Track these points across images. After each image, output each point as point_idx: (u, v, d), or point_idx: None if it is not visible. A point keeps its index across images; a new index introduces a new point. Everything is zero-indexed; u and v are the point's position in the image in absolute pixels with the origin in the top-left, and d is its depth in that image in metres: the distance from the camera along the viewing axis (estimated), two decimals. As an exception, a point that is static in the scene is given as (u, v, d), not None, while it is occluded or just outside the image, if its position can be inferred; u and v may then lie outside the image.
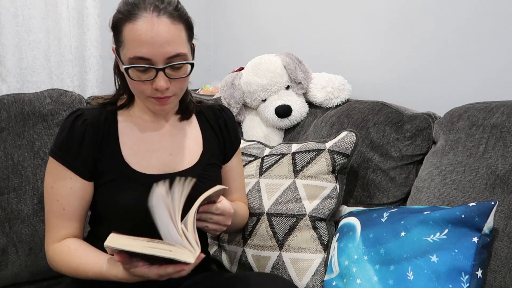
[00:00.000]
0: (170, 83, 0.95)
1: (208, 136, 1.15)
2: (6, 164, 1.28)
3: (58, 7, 1.89)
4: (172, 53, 0.92)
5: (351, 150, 1.28)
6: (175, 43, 0.92)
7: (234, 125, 1.21)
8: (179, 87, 0.98)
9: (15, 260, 1.27)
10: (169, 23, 0.91)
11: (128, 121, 1.07)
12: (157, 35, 0.90)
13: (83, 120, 1.01)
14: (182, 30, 0.94)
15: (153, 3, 0.91)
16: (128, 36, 0.92)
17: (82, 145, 1.00)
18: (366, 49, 1.73)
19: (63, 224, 1.00)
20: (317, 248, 1.22)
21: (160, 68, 0.92)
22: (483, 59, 1.40)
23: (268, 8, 2.13)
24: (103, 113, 1.05)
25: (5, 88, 1.80)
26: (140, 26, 0.90)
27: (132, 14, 0.91)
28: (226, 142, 1.18)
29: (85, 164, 1.00)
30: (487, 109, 1.18)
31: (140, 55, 0.91)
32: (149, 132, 1.07)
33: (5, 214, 1.27)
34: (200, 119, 1.15)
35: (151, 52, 0.91)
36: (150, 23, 0.90)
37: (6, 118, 1.30)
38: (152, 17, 0.90)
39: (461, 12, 1.44)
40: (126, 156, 1.03)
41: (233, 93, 1.66)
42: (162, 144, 1.07)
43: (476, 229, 0.98)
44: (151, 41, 0.90)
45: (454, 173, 1.16)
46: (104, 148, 1.02)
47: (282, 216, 1.25)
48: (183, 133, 1.11)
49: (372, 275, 1.06)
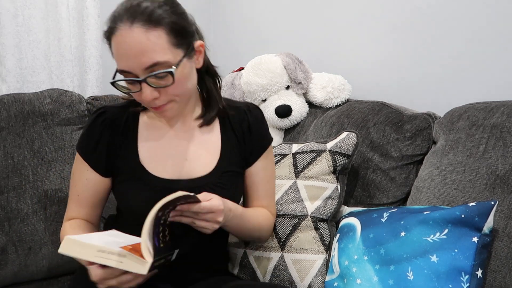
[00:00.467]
0: (159, 92, 0.93)
1: (229, 143, 1.11)
2: (5, 164, 1.28)
3: (58, 7, 1.89)
4: (148, 63, 0.89)
5: (352, 151, 1.28)
6: (151, 52, 0.88)
7: (259, 127, 1.14)
8: (171, 93, 0.94)
9: (14, 259, 1.27)
10: (143, 31, 0.88)
11: (149, 123, 1.07)
12: (130, 47, 0.88)
13: (104, 119, 1.04)
14: (160, 36, 0.89)
15: (127, 14, 0.89)
16: (113, 50, 0.92)
17: (99, 142, 1.03)
18: (366, 49, 1.73)
19: (75, 208, 1.07)
20: (318, 249, 1.22)
21: (141, 80, 0.90)
22: (483, 59, 1.40)
23: (268, 8, 2.13)
24: (127, 113, 1.06)
25: (5, 88, 1.80)
26: (117, 39, 0.89)
27: (112, 28, 0.90)
28: (247, 146, 1.13)
29: (100, 160, 1.04)
30: (487, 109, 1.18)
31: (121, 69, 0.91)
32: (167, 136, 1.06)
33: (5, 213, 1.27)
34: (223, 124, 1.11)
35: (128, 64, 0.89)
36: (124, 35, 0.88)
37: (6, 117, 1.30)
38: (125, 28, 0.88)
39: (461, 12, 1.44)
40: (142, 158, 1.04)
41: (233, 93, 1.66)
42: (179, 149, 1.06)
43: (476, 229, 0.98)
44: (126, 53, 0.89)
45: (454, 173, 1.16)
46: (122, 148, 1.04)
47: (284, 217, 1.25)
48: (202, 139, 1.09)
49: (372, 275, 1.06)
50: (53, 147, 1.35)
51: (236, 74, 1.71)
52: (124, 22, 0.88)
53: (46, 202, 1.31)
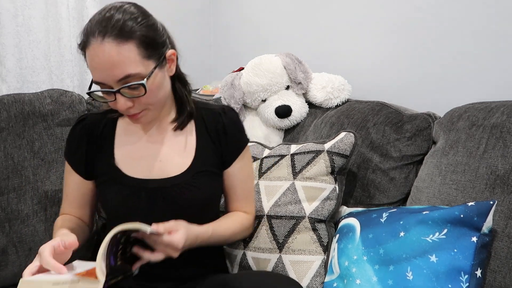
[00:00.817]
0: (133, 102, 0.97)
1: (204, 143, 1.14)
2: (6, 164, 1.28)
3: (58, 7, 1.89)
4: (120, 76, 0.92)
5: (350, 151, 1.28)
6: (123, 65, 0.92)
7: (234, 128, 1.17)
8: (145, 102, 0.98)
9: (15, 260, 1.27)
10: (114, 45, 0.91)
11: (126, 128, 1.13)
12: (103, 60, 0.91)
13: (83, 125, 1.12)
14: (131, 50, 0.92)
15: (99, 28, 0.92)
16: (88, 63, 0.95)
17: (79, 147, 1.11)
18: (366, 49, 1.73)
19: (66, 205, 1.17)
20: (317, 249, 1.22)
21: (114, 91, 0.94)
22: (483, 59, 1.40)
23: (268, 8, 2.13)
24: (105, 119, 1.13)
25: (5, 88, 1.80)
26: (90, 53, 0.93)
27: (85, 42, 0.94)
28: (223, 148, 1.15)
29: (81, 164, 1.12)
30: (487, 109, 1.18)
31: (96, 80, 0.95)
32: (142, 139, 1.12)
33: (5, 214, 1.27)
34: (198, 126, 1.15)
35: (102, 76, 0.93)
36: (95, 50, 0.91)
37: (6, 118, 1.30)
38: (97, 43, 0.91)
39: (461, 13, 1.44)
40: (118, 161, 1.10)
41: (233, 93, 1.66)
42: (153, 151, 1.11)
43: (475, 228, 0.98)
44: (99, 67, 0.92)
45: (454, 173, 1.16)
46: (99, 152, 1.11)
47: (282, 218, 1.25)
48: (176, 141, 1.13)
49: (371, 275, 1.06)
50: (53, 148, 1.36)
51: (236, 74, 1.71)
52: (96, 37, 0.91)
53: (47, 203, 1.31)
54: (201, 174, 1.12)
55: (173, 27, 2.75)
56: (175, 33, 1.24)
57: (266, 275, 1.08)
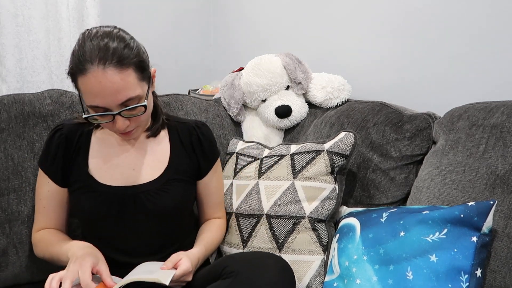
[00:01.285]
0: (130, 121, 1.04)
1: (177, 152, 1.22)
2: (6, 165, 1.28)
3: (58, 7, 1.89)
4: (123, 99, 1.00)
5: (349, 151, 1.28)
6: (125, 89, 0.99)
7: (209, 141, 1.26)
8: (139, 121, 1.07)
9: (15, 261, 1.27)
10: (116, 73, 0.97)
11: (101, 138, 1.19)
12: (106, 87, 0.97)
13: (60, 134, 1.16)
14: (130, 74, 1.00)
15: (98, 56, 0.96)
16: (83, 88, 1.00)
17: (56, 155, 1.15)
18: (366, 49, 1.73)
19: (43, 219, 1.19)
20: (316, 249, 1.22)
21: (115, 113, 1.01)
22: (483, 59, 1.40)
23: (268, 8, 2.13)
24: (81, 129, 1.18)
25: (5, 88, 1.80)
26: (89, 80, 0.97)
27: (80, 69, 0.98)
28: (199, 158, 1.24)
29: (57, 172, 1.16)
30: (487, 109, 1.18)
31: (95, 104, 1.00)
32: (117, 149, 1.18)
33: (5, 215, 1.27)
34: (172, 135, 1.23)
35: (104, 101, 0.99)
36: (97, 77, 0.96)
37: (6, 118, 1.30)
38: (98, 71, 0.96)
39: (461, 13, 1.44)
40: (92, 169, 1.16)
41: (233, 93, 1.66)
42: (126, 160, 1.17)
43: (475, 228, 0.98)
44: (102, 93, 0.97)
45: (454, 173, 1.16)
46: (74, 160, 1.16)
47: (282, 218, 1.25)
48: (149, 149, 1.20)
49: (371, 275, 1.06)
50: (53, 148, 1.36)
51: (236, 75, 1.71)
52: (97, 65, 0.96)
53: (46, 203, 1.32)
54: (173, 182, 1.18)
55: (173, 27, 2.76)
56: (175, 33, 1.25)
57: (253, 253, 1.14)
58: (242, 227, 1.30)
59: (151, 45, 1.26)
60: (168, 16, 2.40)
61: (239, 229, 1.31)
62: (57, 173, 1.16)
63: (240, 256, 1.09)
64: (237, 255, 1.13)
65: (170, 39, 2.36)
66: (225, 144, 1.58)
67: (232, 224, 1.33)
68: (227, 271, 1.02)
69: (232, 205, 1.35)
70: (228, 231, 1.33)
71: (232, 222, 1.33)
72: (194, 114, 1.56)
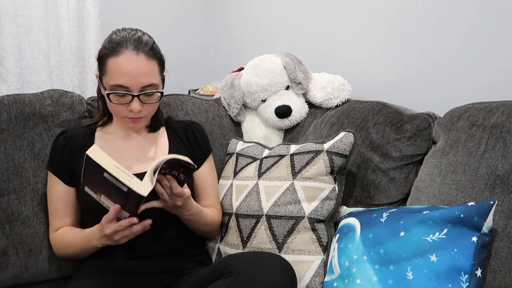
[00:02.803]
0: (142, 107, 1.17)
1: (176, 145, 1.32)
2: (6, 166, 1.28)
3: (58, 7, 1.89)
4: (146, 83, 1.15)
5: (349, 151, 1.28)
6: (149, 75, 1.15)
7: (203, 136, 1.37)
8: (150, 110, 1.21)
9: (15, 261, 1.27)
10: (145, 59, 1.14)
11: (104, 136, 1.29)
12: (135, 69, 1.13)
13: (65, 136, 1.25)
14: (155, 65, 1.17)
15: (133, 43, 1.14)
16: (111, 67, 1.14)
17: (62, 154, 1.24)
18: (366, 49, 1.73)
19: (57, 219, 1.25)
20: (316, 249, 1.22)
21: (135, 95, 1.15)
22: (484, 59, 1.40)
23: (268, 8, 2.13)
24: (84, 130, 1.29)
25: (5, 88, 1.80)
26: (121, 61, 1.13)
27: (115, 51, 1.14)
28: (195, 150, 1.34)
29: (65, 170, 1.23)
30: (487, 109, 1.18)
31: (120, 83, 1.13)
32: (120, 144, 1.28)
33: (6, 216, 1.27)
34: (170, 131, 1.34)
35: (129, 81, 1.13)
36: (130, 59, 1.13)
37: (7, 119, 1.30)
38: (131, 54, 1.13)
39: (461, 13, 1.44)
40: None
41: (233, 93, 1.66)
42: (129, 152, 1.28)
43: (475, 228, 0.98)
44: (129, 73, 1.13)
45: (454, 173, 1.16)
46: (80, 157, 1.20)
47: (281, 218, 1.25)
48: (150, 143, 1.31)
49: (371, 275, 1.06)
50: (54, 150, 1.36)
51: (236, 75, 1.71)
52: (131, 49, 1.13)
53: (46, 204, 1.32)
54: None
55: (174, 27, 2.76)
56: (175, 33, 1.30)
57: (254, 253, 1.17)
58: (242, 227, 1.30)
59: (151, 45, 1.27)
60: (168, 16, 2.40)
61: (239, 229, 1.31)
62: (64, 172, 1.23)
63: (242, 256, 1.10)
64: (238, 254, 1.14)
65: (170, 39, 2.36)
66: (225, 144, 1.58)
67: (232, 225, 1.33)
68: (229, 270, 1.03)
69: (232, 205, 1.35)
70: (228, 232, 1.33)
71: (232, 223, 1.33)
72: (194, 114, 1.56)
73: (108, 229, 1.07)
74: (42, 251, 1.30)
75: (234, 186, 1.39)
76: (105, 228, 1.07)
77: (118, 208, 1.04)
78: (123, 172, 1.00)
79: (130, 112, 1.16)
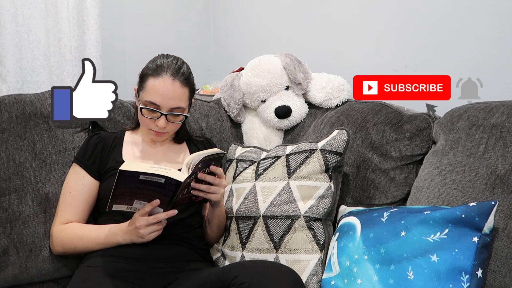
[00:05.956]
0: (167, 124, 1.30)
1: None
2: (7, 165, 1.28)
3: (58, 7, 1.89)
4: (175, 106, 1.28)
5: (343, 148, 1.28)
6: (179, 100, 1.29)
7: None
8: (173, 128, 1.34)
9: (15, 261, 1.27)
10: (179, 86, 1.28)
11: (132, 141, 1.41)
12: (169, 92, 1.27)
13: (98, 136, 1.38)
14: (186, 92, 1.31)
15: (172, 70, 1.28)
16: (149, 86, 1.28)
17: (94, 150, 1.34)
18: (365, 49, 1.73)
19: (70, 212, 1.30)
20: (313, 248, 1.22)
21: (164, 113, 1.28)
22: (484, 59, 1.41)
23: (268, 8, 2.13)
24: (114, 135, 1.42)
25: (5, 88, 1.80)
26: (159, 83, 1.27)
27: (156, 73, 1.28)
28: None
29: (94, 164, 1.33)
30: (487, 109, 1.18)
31: (153, 101, 1.27)
32: (147, 149, 1.40)
33: (6, 215, 1.27)
34: (190, 145, 1.47)
35: (161, 101, 1.27)
36: (166, 83, 1.27)
37: (8, 119, 1.30)
38: (169, 79, 1.27)
39: (460, 13, 1.44)
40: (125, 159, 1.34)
41: (232, 94, 1.66)
42: (155, 156, 1.39)
43: (476, 229, 0.98)
44: (163, 94, 1.27)
45: (454, 173, 1.16)
46: (110, 154, 1.35)
47: (277, 218, 1.25)
48: (173, 152, 1.42)
49: (372, 274, 1.07)
50: (54, 150, 1.36)
51: (235, 75, 1.71)
52: (170, 75, 1.28)
53: (47, 204, 1.32)
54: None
55: (174, 27, 2.76)
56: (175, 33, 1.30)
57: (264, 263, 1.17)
58: (241, 229, 1.30)
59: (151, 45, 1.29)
60: (168, 16, 2.40)
61: (238, 231, 1.31)
62: (93, 165, 1.33)
63: (251, 266, 1.09)
64: (247, 263, 1.15)
65: (170, 39, 2.36)
66: (225, 148, 1.59)
67: (232, 228, 1.33)
68: (238, 282, 1.02)
69: (232, 208, 1.35)
70: (229, 234, 1.34)
71: (232, 226, 1.33)
72: (195, 120, 1.59)
73: (140, 222, 1.14)
74: (42, 251, 1.30)
75: (234, 190, 1.39)
76: (137, 220, 1.14)
77: (156, 202, 1.12)
78: (159, 168, 1.09)
79: (156, 126, 1.29)
